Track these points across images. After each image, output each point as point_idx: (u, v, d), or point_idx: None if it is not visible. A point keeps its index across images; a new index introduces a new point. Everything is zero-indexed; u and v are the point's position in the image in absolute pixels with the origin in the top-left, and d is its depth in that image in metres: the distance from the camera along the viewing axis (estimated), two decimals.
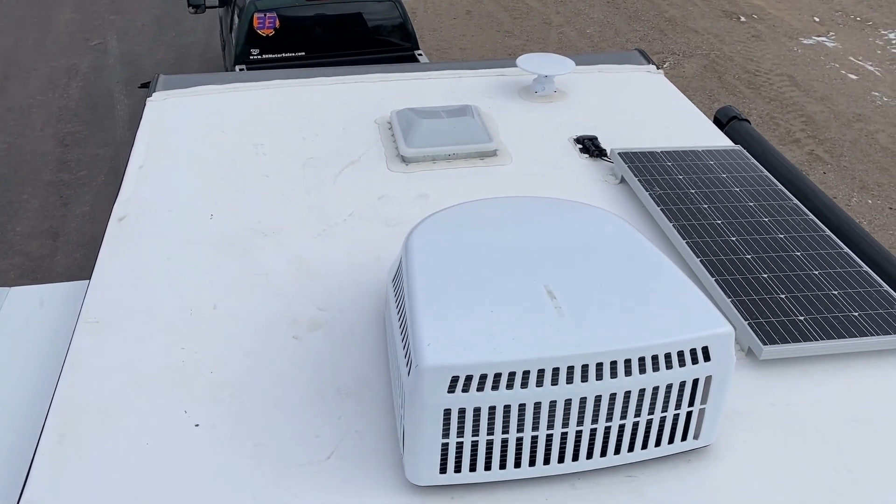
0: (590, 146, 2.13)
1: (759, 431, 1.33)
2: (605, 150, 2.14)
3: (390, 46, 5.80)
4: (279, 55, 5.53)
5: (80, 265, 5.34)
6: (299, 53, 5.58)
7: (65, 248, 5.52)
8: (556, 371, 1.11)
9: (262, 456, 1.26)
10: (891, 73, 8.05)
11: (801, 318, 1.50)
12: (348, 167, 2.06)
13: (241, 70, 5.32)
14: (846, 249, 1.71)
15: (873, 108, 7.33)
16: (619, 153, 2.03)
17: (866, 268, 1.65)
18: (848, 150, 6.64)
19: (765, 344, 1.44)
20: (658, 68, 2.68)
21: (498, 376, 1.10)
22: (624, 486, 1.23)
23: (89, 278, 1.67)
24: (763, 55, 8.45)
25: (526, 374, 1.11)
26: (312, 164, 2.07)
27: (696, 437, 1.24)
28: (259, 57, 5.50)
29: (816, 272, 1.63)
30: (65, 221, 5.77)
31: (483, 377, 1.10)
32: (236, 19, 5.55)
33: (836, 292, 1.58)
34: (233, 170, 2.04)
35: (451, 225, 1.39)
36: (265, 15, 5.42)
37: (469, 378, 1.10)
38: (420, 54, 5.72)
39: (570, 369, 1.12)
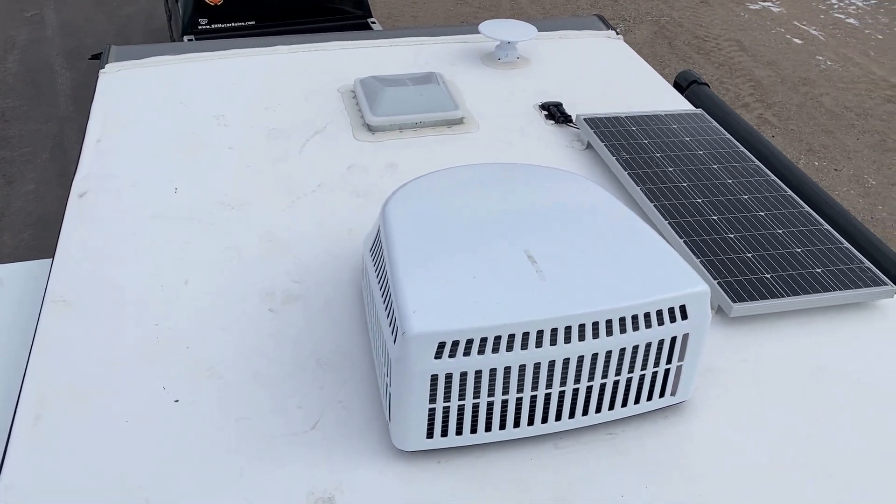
0: (555, 112, 2.14)
1: (731, 386, 1.37)
2: (570, 116, 2.15)
3: (343, 15, 5.70)
4: (228, 24, 5.39)
5: (28, 246, 5.18)
6: (249, 23, 5.44)
7: (10, 228, 5.34)
8: (539, 334, 1.13)
9: (246, 429, 1.26)
10: (833, 38, 8.24)
11: (768, 275, 1.55)
12: (314, 137, 2.03)
13: (189, 40, 5.17)
14: (807, 208, 1.76)
15: (818, 72, 7.50)
16: (584, 119, 2.05)
17: (827, 226, 1.70)
18: (795, 113, 6.80)
19: (734, 302, 1.48)
20: (617, 34, 2.70)
21: (484, 341, 1.11)
22: (605, 443, 1.26)
23: (52, 257, 1.63)
24: (711, 21, 8.56)
25: (511, 337, 1.12)
26: (277, 134, 2.04)
27: (673, 393, 1.27)
28: (208, 27, 5.35)
29: (780, 231, 1.68)
30: (9, 201, 5.58)
31: (469, 342, 1.11)
32: None
33: (799, 250, 1.62)
34: (195, 142, 1.99)
35: (429, 192, 1.39)
36: None
37: (456, 344, 1.11)
38: (373, 22, 5.64)
39: (554, 332, 1.14)
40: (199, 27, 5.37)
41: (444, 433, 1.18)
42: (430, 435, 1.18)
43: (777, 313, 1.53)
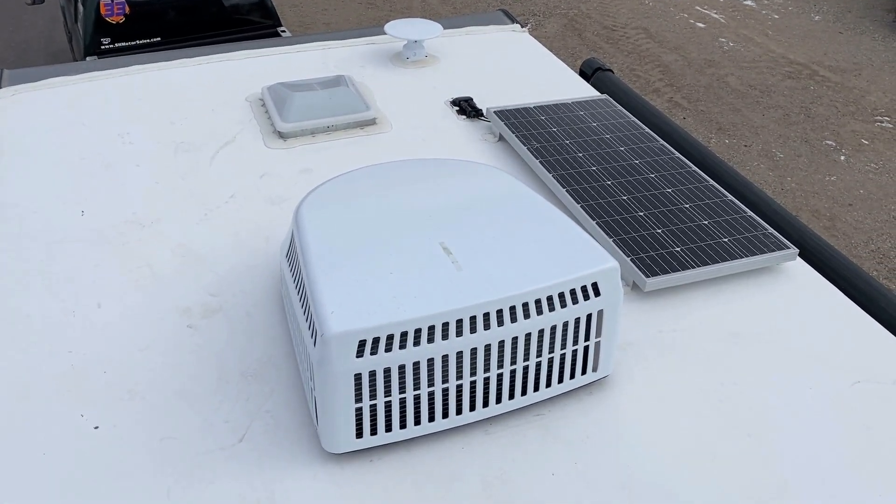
0: (466, 107, 2.17)
1: (651, 358, 1.41)
2: (480, 110, 2.17)
3: (251, 25, 5.62)
4: (133, 43, 5.25)
5: None
6: (154, 39, 5.31)
7: None
8: (459, 322, 1.14)
9: (171, 449, 1.23)
10: (734, 20, 8.57)
11: (678, 249, 1.60)
12: (224, 148, 2.00)
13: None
14: (712, 182, 1.83)
15: (721, 54, 7.79)
16: (494, 112, 2.07)
17: (731, 197, 1.77)
18: (703, 94, 7.04)
19: (647, 276, 1.52)
20: (522, 27, 2.74)
21: (404, 335, 1.12)
22: (534, 424, 1.28)
23: None
24: (618, 10, 8.79)
25: (431, 329, 1.13)
26: (185, 148, 2.00)
27: (594, 369, 1.31)
28: (111, 46, 5.20)
29: (687, 205, 1.74)
30: None
31: (390, 338, 1.11)
32: (81, 7, 5.21)
33: (706, 222, 1.69)
34: (99, 163, 1.93)
35: (340, 193, 1.38)
36: (112, 1, 5.11)
37: (376, 340, 1.11)
38: (284, 31, 5.58)
39: (473, 319, 1.15)
40: (102, 47, 5.21)
41: (374, 431, 1.18)
42: (359, 435, 1.18)
43: (689, 284, 1.58)
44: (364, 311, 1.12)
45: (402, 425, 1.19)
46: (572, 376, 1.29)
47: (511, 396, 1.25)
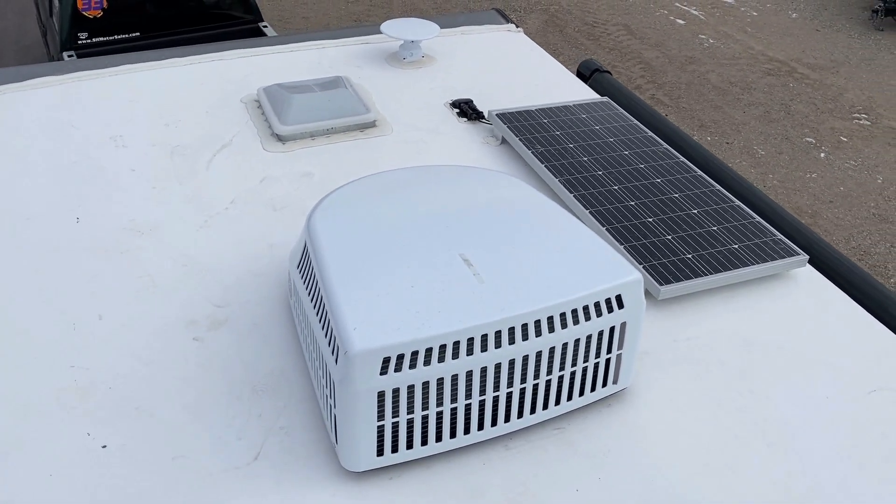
0: (467, 109, 2.14)
1: (668, 368, 1.40)
2: (482, 112, 2.15)
3: (232, 20, 5.53)
4: (111, 37, 5.14)
5: None
6: (133, 34, 5.21)
7: None
8: (484, 338, 1.12)
9: (184, 468, 1.19)
10: (713, 17, 8.63)
11: (689, 255, 1.59)
12: (221, 151, 1.95)
13: (70, 57, 4.90)
14: (717, 186, 1.82)
15: (702, 51, 7.83)
16: (496, 114, 2.05)
17: (738, 202, 1.77)
18: (685, 91, 7.08)
19: (661, 284, 1.51)
20: (517, 27, 2.72)
21: (429, 351, 1.09)
22: (554, 438, 1.26)
23: None
24: (598, 6, 8.80)
25: (456, 345, 1.10)
26: (181, 151, 1.95)
27: (615, 381, 1.29)
28: (88, 41, 5.08)
29: (695, 211, 1.73)
30: None
31: (414, 354, 1.08)
32: (56, 2, 5.09)
33: (715, 228, 1.68)
34: (93, 167, 1.87)
35: (353, 202, 1.35)
36: None
37: (401, 357, 1.08)
38: (265, 26, 5.50)
39: (498, 334, 1.13)
40: (80, 42, 5.10)
41: (395, 449, 1.15)
42: (380, 452, 1.15)
43: (701, 292, 1.57)
44: (387, 326, 1.09)
45: (424, 442, 1.17)
46: (593, 389, 1.27)
47: (532, 411, 1.23)
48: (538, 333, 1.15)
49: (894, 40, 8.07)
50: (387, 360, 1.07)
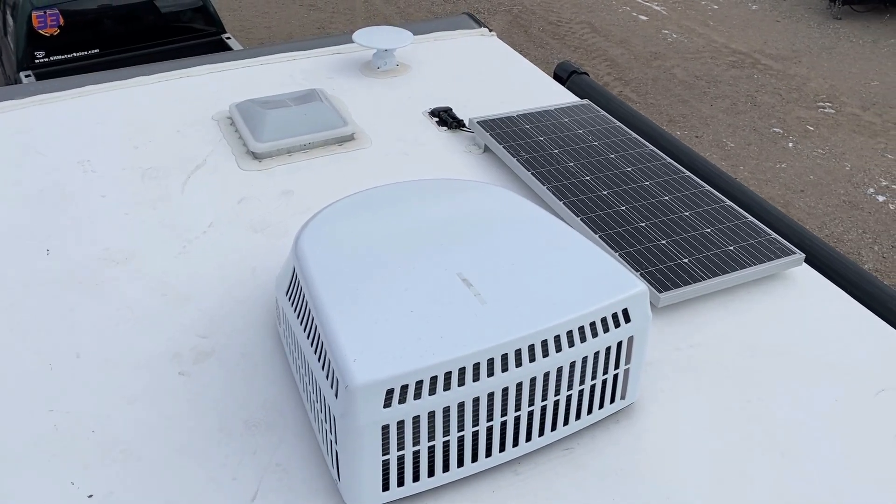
0: (446, 118, 2.09)
1: (672, 378, 1.36)
2: (461, 120, 2.10)
3: (194, 33, 5.42)
4: (70, 55, 5.00)
5: None
6: (93, 51, 5.08)
7: None
8: (490, 362, 1.07)
9: None
10: (675, 12, 8.69)
11: (685, 260, 1.56)
12: (195, 172, 1.88)
13: (27, 77, 4.75)
14: (707, 187, 1.79)
15: (666, 46, 7.88)
16: (478, 122, 2.00)
17: (729, 202, 1.74)
18: (651, 87, 7.11)
19: (660, 291, 1.48)
20: (490, 31, 2.68)
21: (434, 380, 1.04)
22: (563, 459, 1.21)
23: None
24: (562, 5, 8.81)
25: (461, 371, 1.05)
26: (153, 174, 1.87)
27: (623, 396, 1.25)
28: (46, 59, 4.94)
29: (687, 213, 1.70)
30: None
31: (419, 384, 1.03)
32: (10, 20, 4.94)
33: (709, 230, 1.65)
34: (60, 194, 1.79)
35: (341, 222, 1.29)
36: (45, 12, 4.86)
37: (404, 388, 1.02)
38: (229, 38, 5.40)
39: (504, 357, 1.08)
40: (37, 60, 4.96)
41: (401, 482, 1.10)
42: (385, 487, 1.09)
43: (700, 297, 1.54)
44: (389, 356, 1.03)
45: (430, 473, 1.11)
46: (601, 406, 1.23)
47: (541, 433, 1.18)
48: (545, 354, 1.11)
49: (852, 29, 8.20)
50: (390, 392, 1.02)
